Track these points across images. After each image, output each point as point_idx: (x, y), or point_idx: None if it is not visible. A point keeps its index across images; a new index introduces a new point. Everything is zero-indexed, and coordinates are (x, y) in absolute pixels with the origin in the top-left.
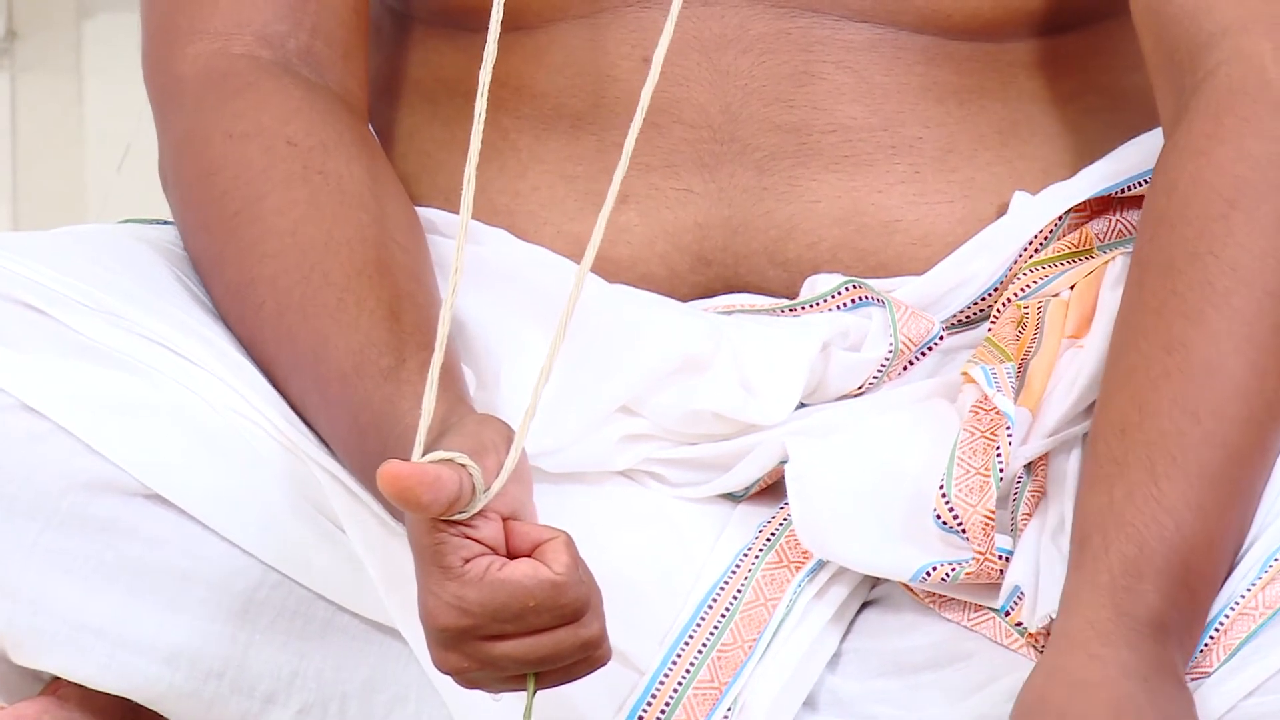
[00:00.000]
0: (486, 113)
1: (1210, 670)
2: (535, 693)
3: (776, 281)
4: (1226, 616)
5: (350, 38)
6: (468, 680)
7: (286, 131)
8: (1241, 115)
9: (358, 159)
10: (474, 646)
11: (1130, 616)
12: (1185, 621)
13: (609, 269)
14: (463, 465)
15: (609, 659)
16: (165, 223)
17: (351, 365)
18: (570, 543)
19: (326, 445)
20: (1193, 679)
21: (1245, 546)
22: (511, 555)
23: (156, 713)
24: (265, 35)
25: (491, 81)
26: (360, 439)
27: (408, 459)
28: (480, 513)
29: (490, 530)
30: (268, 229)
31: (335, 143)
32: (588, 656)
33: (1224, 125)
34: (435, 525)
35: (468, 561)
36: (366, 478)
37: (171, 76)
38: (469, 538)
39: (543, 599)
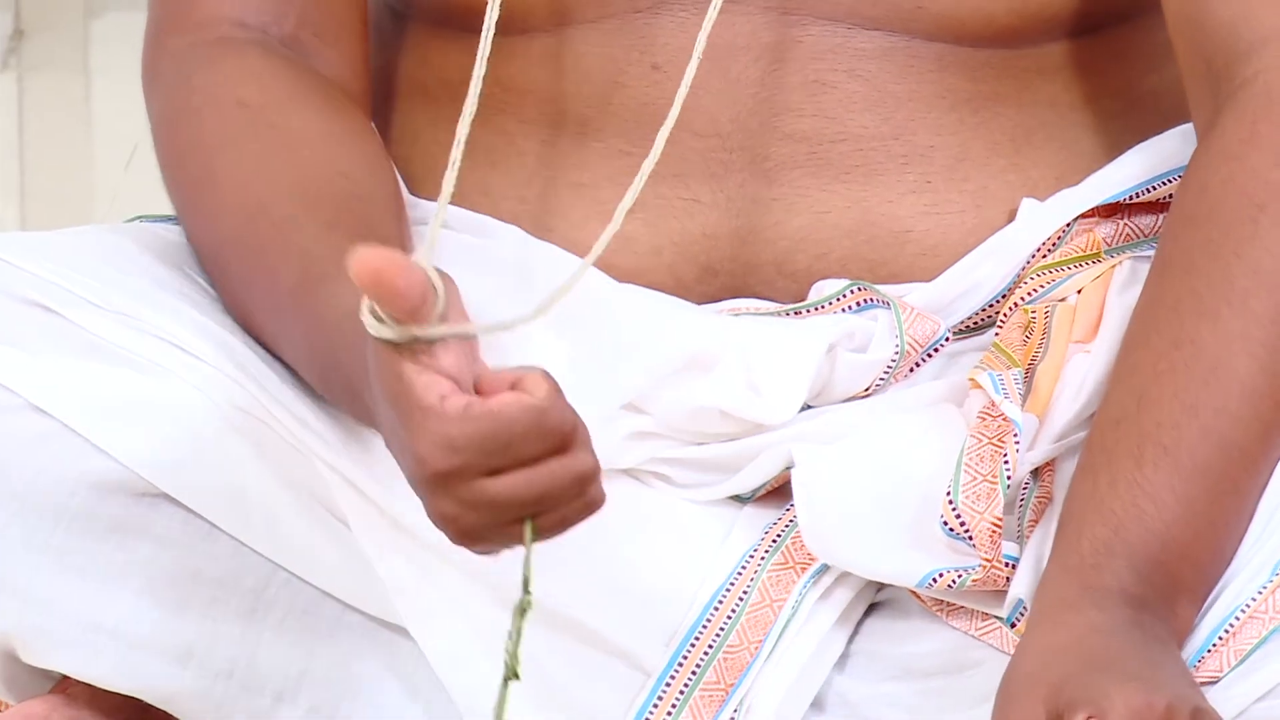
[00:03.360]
0: (492, 116)
1: (1220, 675)
2: (534, 540)
3: (784, 291)
4: (1236, 619)
5: (341, 28)
6: (465, 533)
7: (238, 94)
8: (1278, 122)
9: (314, 110)
10: (467, 488)
11: (1098, 589)
12: (1164, 600)
13: (615, 278)
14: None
15: (603, 502)
16: (174, 219)
17: (296, 281)
18: (547, 373)
19: (333, 445)
20: (1201, 684)
21: (1252, 545)
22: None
23: (165, 711)
24: (244, 24)
25: (497, 85)
26: (309, 343)
27: (357, 337)
28: (440, 344)
29: (452, 360)
30: (222, 191)
31: (289, 98)
32: (583, 496)
33: (1260, 131)
34: (400, 360)
35: (445, 399)
36: (323, 384)
37: (153, 72)
38: (434, 371)
39: (528, 424)
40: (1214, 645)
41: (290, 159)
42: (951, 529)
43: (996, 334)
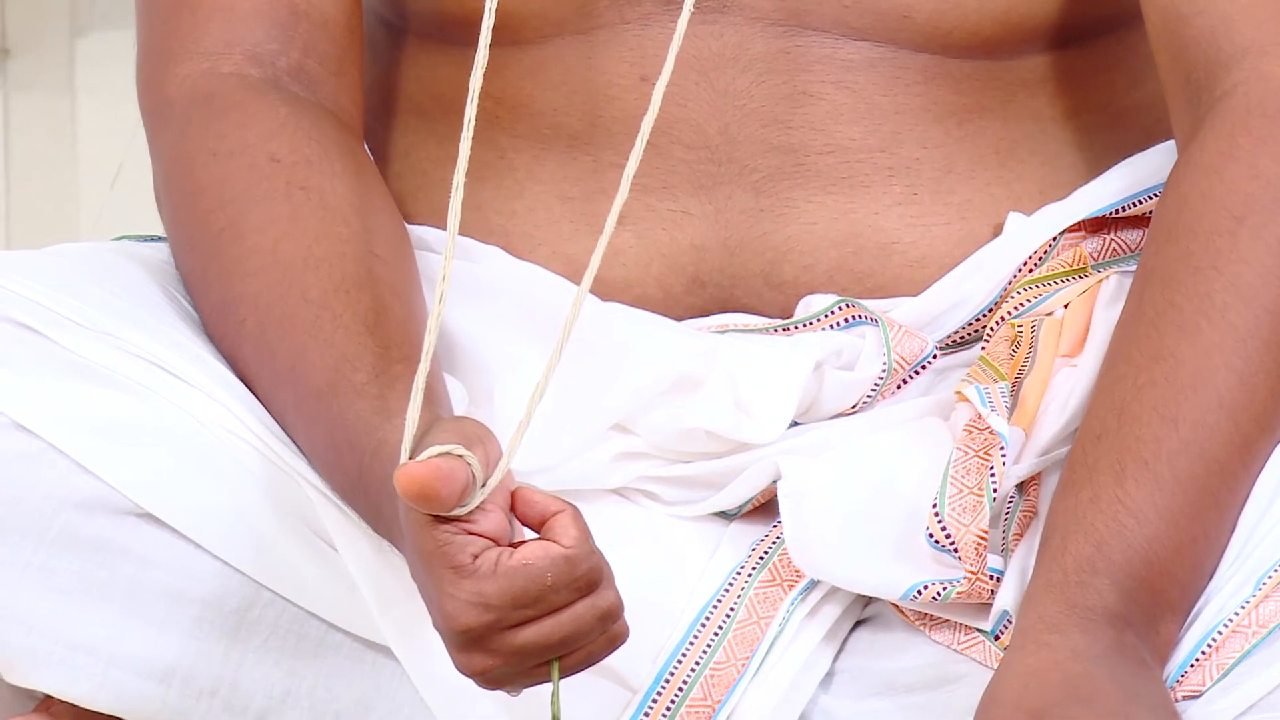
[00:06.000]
0: (483, 130)
1: (1202, 689)
2: (559, 680)
3: (772, 303)
4: (1219, 634)
5: (343, 55)
6: (490, 680)
7: (270, 148)
8: (1257, 134)
9: (342, 174)
10: (497, 640)
11: (1082, 608)
12: (1147, 618)
13: (603, 290)
14: (459, 456)
15: (627, 636)
16: (159, 239)
17: (327, 381)
18: (577, 514)
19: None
20: (1184, 698)
21: (1234, 560)
22: (521, 523)
23: None
24: (255, 54)
25: (487, 98)
26: (337, 455)
27: (388, 471)
28: (479, 506)
29: (491, 522)
30: (249, 247)
31: (320, 158)
32: (607, 634)
33: (1238, 143)
34: (436, 525)
35: (477, 557)
36: (344, 493)
37: (161, 97)
38: (472, 533)
39: (558, 575)
40: (1197, 660)
41: (326, 232)
42: (937, 541)
43: (983, 348)
